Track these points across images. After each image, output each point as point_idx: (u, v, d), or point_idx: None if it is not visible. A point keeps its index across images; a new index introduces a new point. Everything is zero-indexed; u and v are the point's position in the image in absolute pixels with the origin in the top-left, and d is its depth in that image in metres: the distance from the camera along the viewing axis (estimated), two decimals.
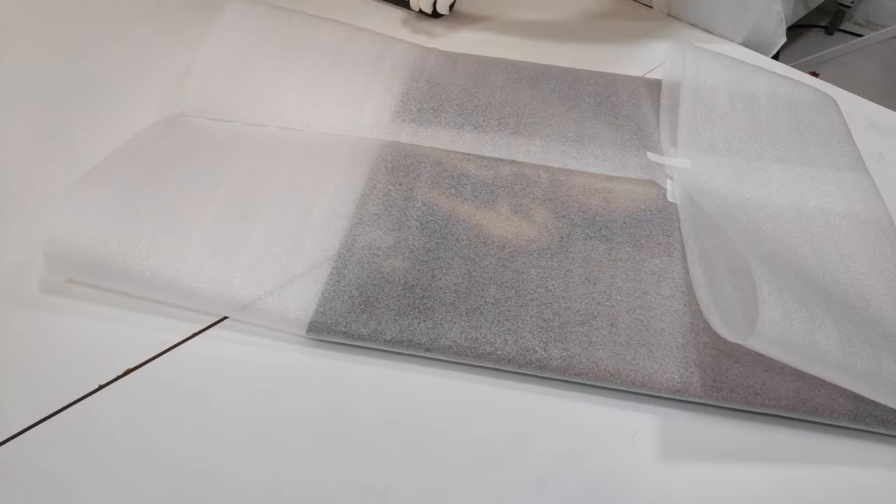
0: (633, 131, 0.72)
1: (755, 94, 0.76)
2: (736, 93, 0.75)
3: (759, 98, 0.76)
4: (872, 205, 0.66)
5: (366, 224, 0.58)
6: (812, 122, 0.75)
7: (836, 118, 0.77)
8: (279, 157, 0.64)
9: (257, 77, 0.71)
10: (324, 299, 0.52)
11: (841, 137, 0.75)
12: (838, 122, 0.77)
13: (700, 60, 0.77)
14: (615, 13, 1.01)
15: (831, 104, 0.80)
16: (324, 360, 0.52)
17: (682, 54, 0.78)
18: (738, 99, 0.76)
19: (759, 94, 0.76)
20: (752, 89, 0.77)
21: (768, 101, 0.76)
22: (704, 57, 0.78)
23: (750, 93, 0.76)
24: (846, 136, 0.75)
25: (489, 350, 0.51)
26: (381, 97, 0.72)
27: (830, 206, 0.65)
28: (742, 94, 0.76)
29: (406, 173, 0.64)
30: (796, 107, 0.77)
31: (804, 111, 0.77)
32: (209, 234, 0.55)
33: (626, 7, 1.04)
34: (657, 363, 0.51)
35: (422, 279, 0.55)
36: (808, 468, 0.49)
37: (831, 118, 0.77)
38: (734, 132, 0.72)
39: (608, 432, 0.49)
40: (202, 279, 0.53)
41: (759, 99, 0.76)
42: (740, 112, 0.74)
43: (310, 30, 0.77)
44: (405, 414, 0.49)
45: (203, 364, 0.51)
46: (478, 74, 0.77)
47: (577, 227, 0.61)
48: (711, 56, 0.79)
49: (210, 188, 0.59)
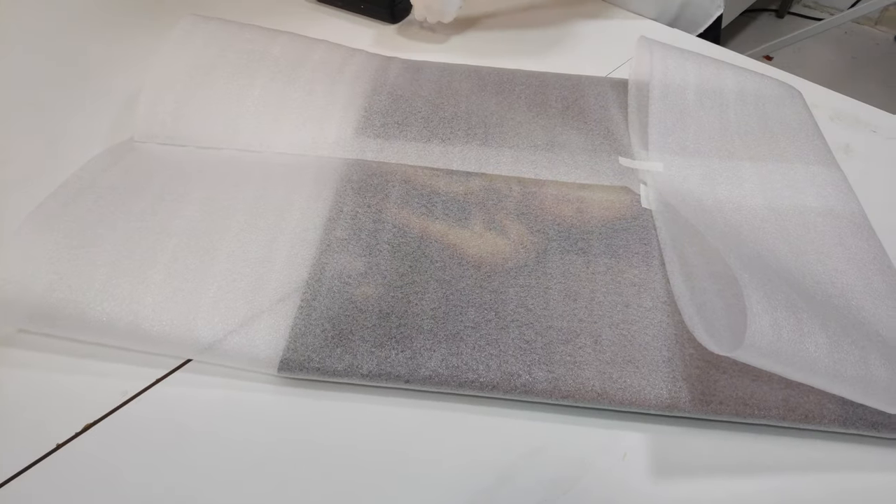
0: (603, 135, 0.71)
1: (723, 90, 0.75)
2: (704, 90, 0.75)
3: (727, 95, 0.75)
4: (845, 199, 0.66)
5: (334, 251, 0.56)
6: (780, 117, 0.75)
7: (803, 111, 0.77)
8: (239, 182, 0.61)
9: (211, 97, 0.68)
10: (294, 335, 0.50)
11: (809, 131, 0.74)
12: (805, 116, 0.76)
13: (667, 58, 0.76)
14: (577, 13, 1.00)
15: (797, 97, 0.79)
16: (298, 400, 0.49)
17: (650, 53, 0.77)
18: (707, 96, 0.75)
19: (727, 91, 0.75)
20: (719, 86, 0.76)
21: (736, 97, 0.75)
22: (671, 54, 0.77)
23: (718, 90, 0.76)
24: (814, 129, 0.75)
25: (472, 377, 0.49)
26: (342, 112, 0.69)
27: (805, 204, 0.65)
28: (710, 92, 0.75)
29: (374, 193, 0.61)
30: (763, 102, 0.77)
31: (771, 106, 0.76)
32: (168, 273, 0.52)
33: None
34: (644, 379, 0.50)
35: (397, 306, 0.52)
36: (802, 476, 0.48)
37: (798, 112, 0.77)
38: (705, 131, 0.71)
39: (599, 455, 0.48)
40: (163, 321, 0.49)
41: (728, 96, 0.75)
42: (709, 110, 0.73)
43: (265, 44, 0.74)
44: (387, 451, 0.47)
45: (169, 412, 0.48)
46: (441, 83, 0.75)
47: (553, 240, 0.59)
48: (678, 53, 0.78)
49: (166, 221, 0.56)
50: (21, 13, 0.91)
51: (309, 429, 0.48)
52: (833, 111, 0.82)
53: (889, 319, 0.54)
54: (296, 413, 0.48)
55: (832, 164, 0.70)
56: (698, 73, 0.76)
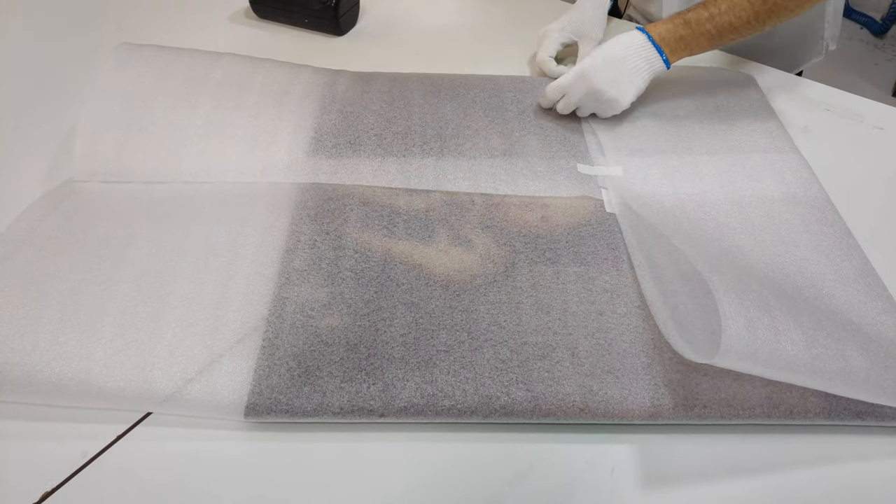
0: (560, 141, 0.69)
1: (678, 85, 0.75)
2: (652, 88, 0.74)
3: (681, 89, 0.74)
4: (806, 185, 0.65)
5: (294, 283, 0.53)
6: (733, 105, 0.74)
7: (757, 98, 0.77)
8: (188, 219, 0.58)
9: (152, 128, 0.65)
10: (258, 377, 0.47)
11: (764, 117, 0.74)
12: (760, 102, 0.76)
13: None
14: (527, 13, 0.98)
15: (750, 83, 0.79)
16: (268, 445, 0.47)
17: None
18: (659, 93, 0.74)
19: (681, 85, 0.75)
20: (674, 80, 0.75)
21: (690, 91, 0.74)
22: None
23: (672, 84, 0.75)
24: (769, 114, 0.74)
25: (449, 405, 0.47)
26: (291, 135, 0.66)
27: (766, 193, 0.64)
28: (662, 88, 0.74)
29: (332, 219, 0.59)
30: (715, 92, 0.76)
31: (725, 96, 0.76)
32: (118, 324, 0.49)
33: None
34: (625, 389, 0.48)
35: (365, 336, 0.50)
36: (791, 473, 0.47)
37: (751, 98, 0.76)
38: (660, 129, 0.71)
39: (586, 472, 0.46)
40: (116, 376, 0.46)
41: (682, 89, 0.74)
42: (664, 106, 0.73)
43: (205, 68, 0.71)
44: (365, 490, 0.45)
45: (132, 471, 0.45)
46: (393, 95, 0.73)
47: (521, 253, 0.57)
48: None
49: (113, 269, 0.53)
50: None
51: (282, 475, 0.45)
52: (789, 93, 0.82)
53: (861, 305, 0.54)
54: (267, 459, 0.46)
55: (790, 150, 0.69)
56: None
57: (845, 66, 2.35)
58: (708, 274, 0.47)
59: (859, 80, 2.28)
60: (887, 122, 0.78)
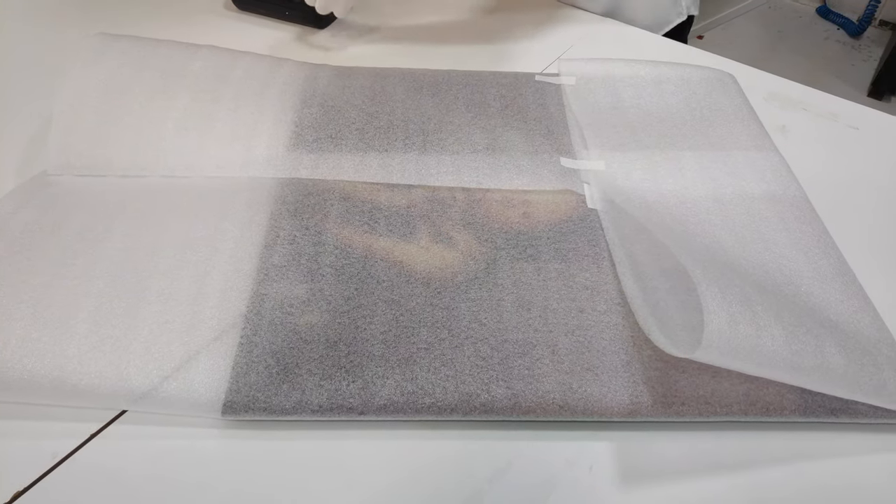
0: (543, 135, 0.69)
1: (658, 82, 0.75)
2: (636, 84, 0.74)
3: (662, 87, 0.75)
4: (785, 183, 0.66)
5: (273, 279, 0.53)
6: (716, 104, 0.75)
7: (737, 96, 0.77)
8: (165, 214, 0.57)
9: (129, 120, 0.64)
10: (236, 374, 0.47)
11: (744, 115, 0.75)
12: (740, 100, 0.77)
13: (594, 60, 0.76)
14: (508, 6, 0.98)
15: (730, 81, 0.80)
16: (246, 443, 0.46)
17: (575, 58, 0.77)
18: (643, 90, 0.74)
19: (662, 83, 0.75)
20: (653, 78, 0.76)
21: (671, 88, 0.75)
22: (597, 58, 0.77)
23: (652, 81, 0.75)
24: (749, 112, 0.75)
25: (429, 402, 0.47)
26: (271, 128, 0.66)
27: (747, 191, 0.65)
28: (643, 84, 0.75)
29: (312, 214, 0.58)
30: (696, 90, 0.77)
31: (706, 94, 0.76)
32: (93, 320, 0.48)
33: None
34: (604, 387, 0.49)
35: (345, 333, 0.50)
36: (768, 470, 0.47)
37: (732, 96, 0.77)
38: (643, 125, 0.71)
39: (565, 470, 0.46)
40: (91, 373, 0.46)
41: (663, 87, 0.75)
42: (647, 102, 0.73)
43: (184, 60, 0.70)
44: (345, 488, 0.44)
45: (106, 471, 0.44)
46: (374, 90, 0.72)
47: (502, 249, 0.57)
48: (601, 60, 0.78)
49: (88, 264, 0.52)
50: None
51: (260, 474, 0.45)
52: (767, 92, 0.83)
53: (838, 303, 0.55)
54: (245, 458, 0.45)
55: (770, 148, 0.70)
56: (631, 69, 0.76)
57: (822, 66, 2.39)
58: (691, 267, 0.48)
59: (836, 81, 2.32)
60: (862, 121, 0.79)
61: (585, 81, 0.76)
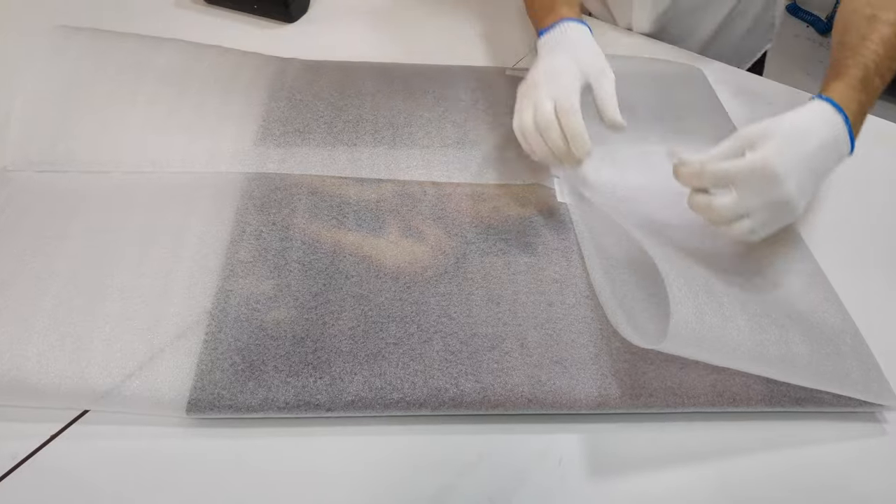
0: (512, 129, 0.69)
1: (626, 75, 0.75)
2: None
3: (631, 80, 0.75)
4: None
5: (239, 275, 0.52)
6: (685, 99, 0.75)
7: (706, 91, 0.78)
8: (128, 209, 0.56)
9: (90, 115, 0.62)
10: (201, 372, 0.46)
11: (713, 109, 0.75)
12: (709, 95, 0.77)
13: None
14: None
15: (700, 76, 0.80)
16: (212, 442, 0.46)
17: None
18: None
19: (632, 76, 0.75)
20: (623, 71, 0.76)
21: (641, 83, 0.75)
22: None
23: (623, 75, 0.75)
24: (717, 107, 0.76)
25: (397, 397, 0.47)
26: (238, 123, 0.65)
27: None
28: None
29: (279, 209, 0.57)
30: (666, 84, 0.77)
31: (676, 88, 0.77)
32: (52, 318, 0.47)
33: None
34: (573, 379, 0.49)
35: (312, 329, 0.49)
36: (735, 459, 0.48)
37: (701, 90, 0.78)
38: None
39: (534, 463, 0.46)
40: (50, 372, 0.45)
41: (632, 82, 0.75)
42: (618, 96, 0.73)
43: (147, 54, 0.69)
44: (312, 485, 0.44)
45: (67, 472, 0.43)
46: (344, 83, 0.72)
47: (472, 244, 0.57)
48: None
49: (47, 261, 0.50)
50: None
51: (226, 473, 0.44)
52: (736, 87, 0.83)
53: (803, 294, 0.55)
54: (210, 457, 0.45)
55: None
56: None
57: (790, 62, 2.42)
58: (658, 260, 0.48)
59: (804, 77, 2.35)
60: None
61: None
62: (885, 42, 0.55)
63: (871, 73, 0.54)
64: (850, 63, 0.55)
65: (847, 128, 0.52)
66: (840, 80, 0.54)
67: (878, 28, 0.56)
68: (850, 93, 0.53)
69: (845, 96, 0.53)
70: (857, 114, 0.53)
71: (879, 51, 0.55)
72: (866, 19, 0.57)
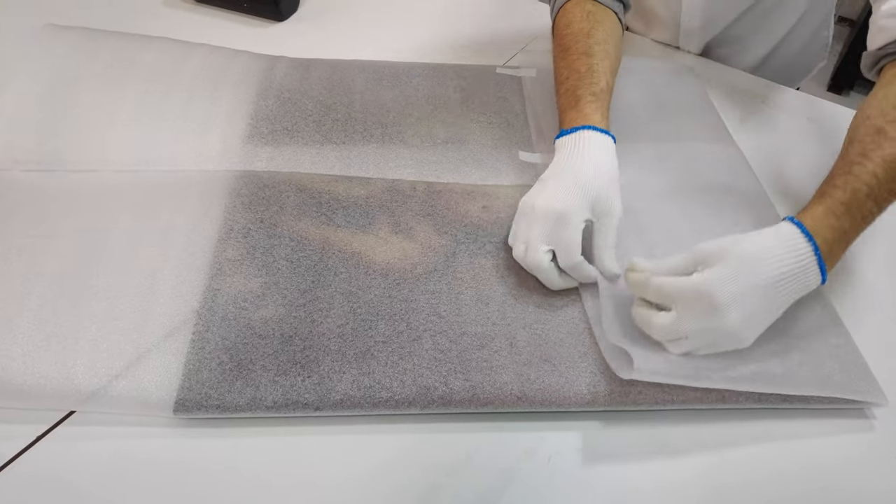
0: (503, 128, 0.69)
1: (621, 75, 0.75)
2: None
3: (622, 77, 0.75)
4: (742, 175, 0.67)
5: (227, 273, 0.52)
6: (674, 96, 0.75)
7: (696, 88, 0.78)
8: (116, 209, 0.55)
9: (78, 114, 0.62)
10: (188, 371, 0.46)
11: (703, 107, 0.75)
12: (699, 92, 0.77)
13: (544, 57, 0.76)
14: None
15: (690, 74, 0.80)
16: (200, 442, 0.45)
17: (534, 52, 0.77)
18: None
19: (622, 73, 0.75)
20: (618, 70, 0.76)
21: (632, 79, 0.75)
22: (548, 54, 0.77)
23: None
24: (708, 105, 0.76)
25: (386, 396, 0.46)
26: (226, 121, 0.64)
27: (704, 182, 0.65)
28: None
29: (267, 207, 0.57)
30: (657, 82, 0.77)
31: (665, 85, 0.77)
32: (38, 319, 0.46)
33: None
34: (562, 377, 0.49)
35: (300, 327, 0.49)
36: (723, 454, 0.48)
37: (692, 88, 0.78)
38: None
39: (524, 461, 0.46)
40: (36, 373, 0.44)
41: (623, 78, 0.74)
42: None
43: (135, 51, 0.69)
44: (301, 485, 0.44)
45: (54, 473, 0.43)
46: (333, 81, 0.71)
47: (462, 243, 0.57)
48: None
49: (33, 262, 0.50)
50: None
51: (214, 473, 0.44)
52: (728, 86, 0.83)
53: None
54: (198, 457, 0.44)
55: (728, 140, 0.71)
56: None
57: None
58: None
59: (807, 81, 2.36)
60: (820, 115, 0.80)
61: (546, 74, 0.76)
62: (886, 163, 0.48)
63: (863, 198, 0.48)
64: (839, 183, 0.49)
65: (817, 258, 0.46)
66: (821, 202, 0.49)
67: (883, 145, 0.49)
68: (829, 219, 0.48)
69: (821, 222, 0.47)
70: (836, 241, 0.48)
71: (878, 172, 0.48)
72: (873, 132, 0.50)
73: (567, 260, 0.51)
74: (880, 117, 0.50)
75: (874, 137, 0.49)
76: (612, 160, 0.55)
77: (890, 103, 0.50)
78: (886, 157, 0.48)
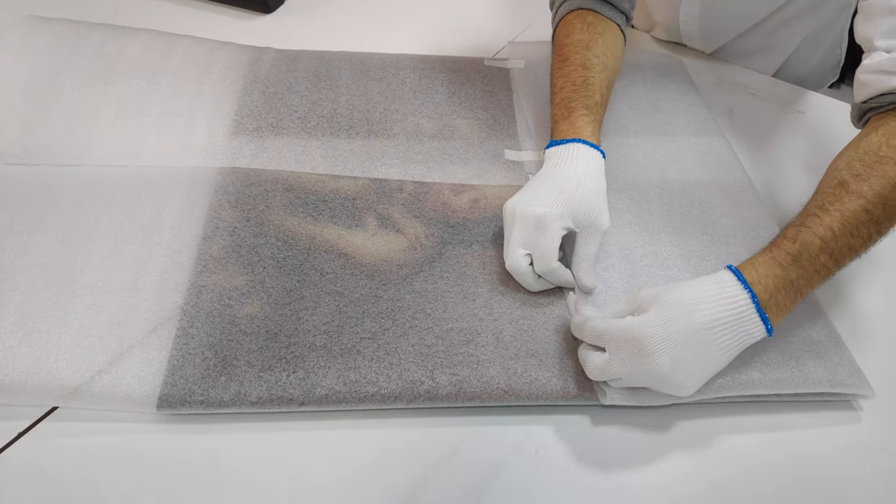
0: (489, 124, 0.69)
1: None
2: None
3: None
4: (728, 168, 0.67)
5: (212, 271, 0.51)
6: (662, 89, 0.75)
7: (684, 81, 0.78)
8: (100, 203, 0.55)
9: (61, 107, 0.61)
10: (172, 367, 0.45)
11: (690, 100, 0.75)
12: (686, 85, 0.77)
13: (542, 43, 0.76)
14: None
15: (679, 67, 0.80)
16: (184, 438, 0.45)
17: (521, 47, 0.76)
18: None
19: None
20: None
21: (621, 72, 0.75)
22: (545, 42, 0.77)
23: None
24: (695, 98, 0.76)
25: (372, 391, 0.46)
26: (211, 116, 0.64)
27: (691, 176, 0.66)
28: None
29: (253, 205, 0.57)
30: (645, 74, 0.77)
31: (653, 78, 0.77)
32: (19, 313, 0.46)
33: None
34: (548, 371, 0.49)
35: (285, 325, 0.49)
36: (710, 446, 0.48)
37: (679, 81, 0.78)
38: None
39: (511, 455, 0.46)
40: (17, 368, 0.44)
41: None
42: None
43: (120, 44, 0.68)
44: (287, 480, 0.44)
45: (36, 469, 0.43)
46: (319, 75, 0.71)
47: (448, 241, 0.57)
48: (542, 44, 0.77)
49: (16, 257, 0.50)
50: None
51: (198, 469, 0.44)
52: (716, 78, 0.83)
53: None
54: (182, 453, 0.44)
55: (715, 133, 0.71)
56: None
57: None
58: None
59: None
60: (807, 106, 0.80)
61: (534, 65, 0.75)
62: (844, 218, 0.47)
63: (815, 250, 0.47)
64: (790, 234, 0.48)
65: (755, 306, 0.45)
66: (768, 252, 0.48)
67: (843, 199, 0.48)
68: (773, 269, 0.46)
69: (764, 272, 0.46)
70: (780, 291, 0.46)
71: (834, 226, 0.47)
72: (836, 185, 0.49)
73: (542, 265, 0.51)
74: (846, 170, 0.49)
75: (835, 190, 0.49)
76: (599, 174, 0.55)
77: (858, 156, 0.50)
78: (844, 212, 0.47)
